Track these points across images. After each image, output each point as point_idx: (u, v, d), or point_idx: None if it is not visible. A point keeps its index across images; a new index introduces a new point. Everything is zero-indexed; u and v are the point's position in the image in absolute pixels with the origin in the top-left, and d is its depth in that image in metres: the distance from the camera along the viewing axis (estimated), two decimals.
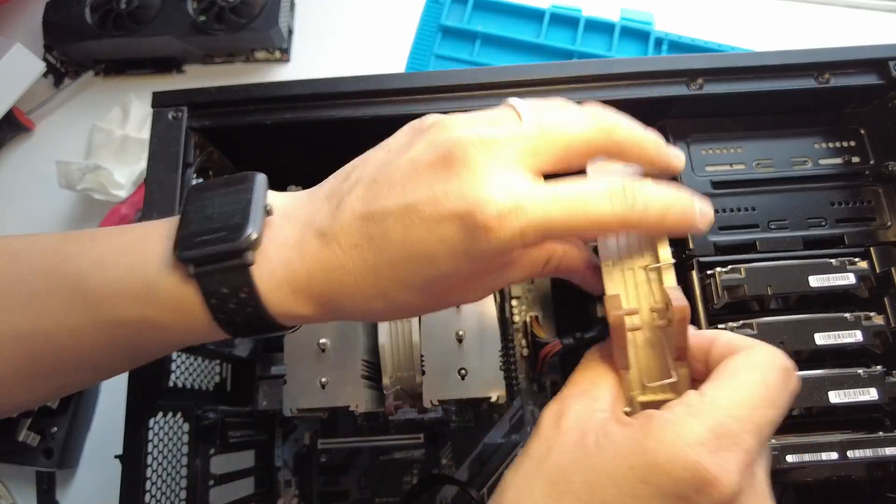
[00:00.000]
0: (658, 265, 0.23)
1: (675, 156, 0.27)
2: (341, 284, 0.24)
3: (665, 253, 0.23)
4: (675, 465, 0.19)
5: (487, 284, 0.26)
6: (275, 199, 0.27)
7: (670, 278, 0.23)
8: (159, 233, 0.26)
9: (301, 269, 0.25)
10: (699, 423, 0.19)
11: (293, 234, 0.25)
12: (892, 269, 0.37)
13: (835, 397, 0.35)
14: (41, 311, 0.26)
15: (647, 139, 0.26)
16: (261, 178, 0.27)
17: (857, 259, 0.36)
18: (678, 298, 0.22)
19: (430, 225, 0.23)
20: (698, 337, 0.24)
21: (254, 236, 0.24)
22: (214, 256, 0.24)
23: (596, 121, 0.25)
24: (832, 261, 0.36)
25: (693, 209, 0.24)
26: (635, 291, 0.23)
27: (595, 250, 0.26)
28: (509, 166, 0.23)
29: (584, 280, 0.27)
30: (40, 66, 0.64)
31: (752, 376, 0.21)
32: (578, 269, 0.26)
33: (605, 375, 0.24)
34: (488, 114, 0.25)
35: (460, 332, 0.36)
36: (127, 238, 0.27)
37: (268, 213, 0.26)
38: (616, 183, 0.23)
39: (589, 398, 0.23)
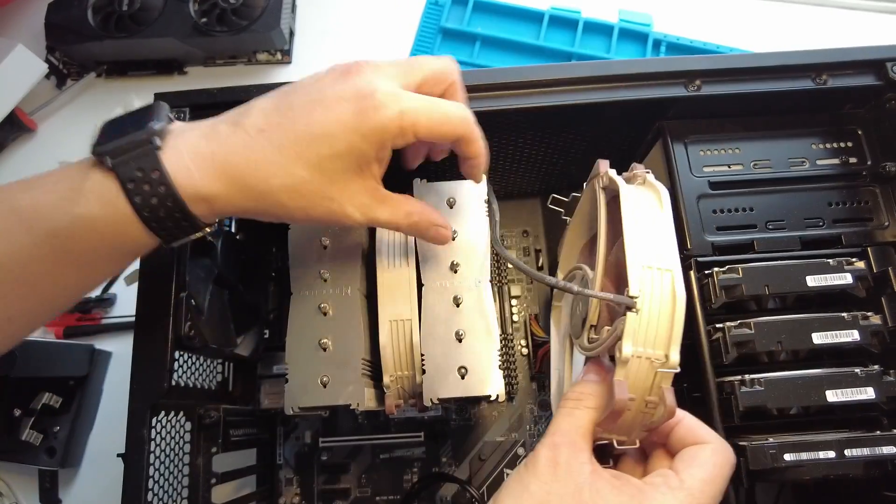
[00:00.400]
0: (666, 371, 0.27)
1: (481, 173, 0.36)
2: (246, 159, 0.29)
3: (675, 357, 0.27)
4: None
5: (369, 186, 0.32)
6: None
7: (668, 381, 0.28)
8: (81, 160, 0.30)
9: (206, 149, 0.29)
10: (675, 501, 0.26)
11: (200, 129, 0.30)
12: (890, 268, 0.37)
13: (832, 396, 0.35)
14: None
15: (482, 150, 0.35)
16: (164, 103, 0.31)
17: (854, 259, 0.37)
18: (671, 402, 0.27)
19: (329, 108, 0.29)
20: None
21: (157, 126, 0.29)
22: (126, 147, 0.28)
23: (464, 113, 0.32)
24: (830, 261, 0.37)
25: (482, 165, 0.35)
26: (636, 378, 0.28)
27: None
28: (393, 80, 0.31)
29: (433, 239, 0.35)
30: (43, 68, 0.64)
31: (715, 472, 0.27)
32: (429, 229, 0.35)
33: (585, 428, 0.28)
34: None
35: (460, 332, 0.37)
36: (53, 171, 0.30)
37: (170, 120, 0.30)
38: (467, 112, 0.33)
39: (576, 449, 0.28)
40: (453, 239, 0.39)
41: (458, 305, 0.37)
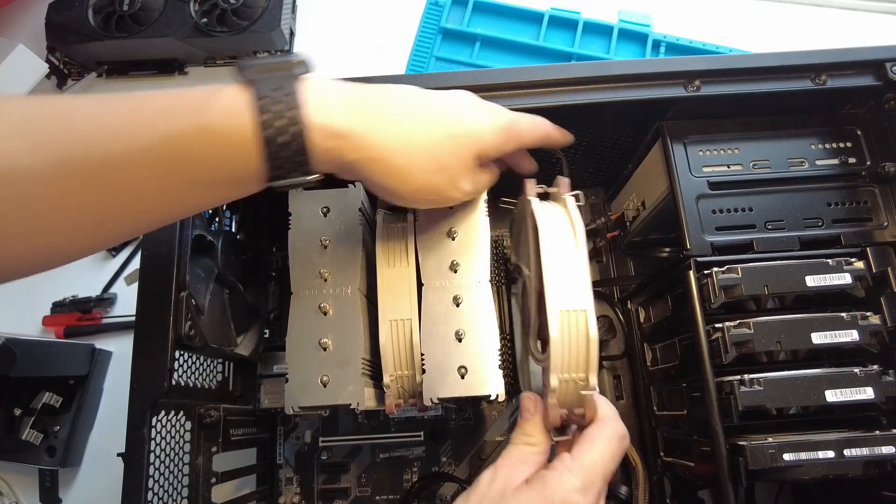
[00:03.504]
0: (587, 392, 0.33)
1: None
2: (387, 104, 0.31)
3: (593, 381, 0.32)
4: (562, 502, 0.30)
5: (478, 167, 0.35)
6: None
7: (591, 395, 0.33)
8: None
9: (349, 99, 0.30)
10: (574, 478, 0.30)
11: (342, 81, 0.31)
12: (889, 268, 0.37)
13: (831, 396, 0.35)
14: (95, 132, 0.26)
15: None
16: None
17: (853, 259, 0.37)
18: (592, 409, 0.33)
19: (458, 99, 0.34)
20: None
21: (303, 59, 0.29)
22: (270, 66, 0.29)
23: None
24: (829, 261, 0.37)
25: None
26: (565, 396, 0.33)
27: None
28: None
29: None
30: (43, 68, 0.65)
31: (604, 445, 0.32)
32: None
33: (526, 455, 0.33)
34: None
35: (460, 331, 0.37)
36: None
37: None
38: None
39: (514, 470, 0.32)
40: (453, 239, 0.39)
41: (458, 305, 0.37)
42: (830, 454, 0.34)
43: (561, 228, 0.35)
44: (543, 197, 0.39)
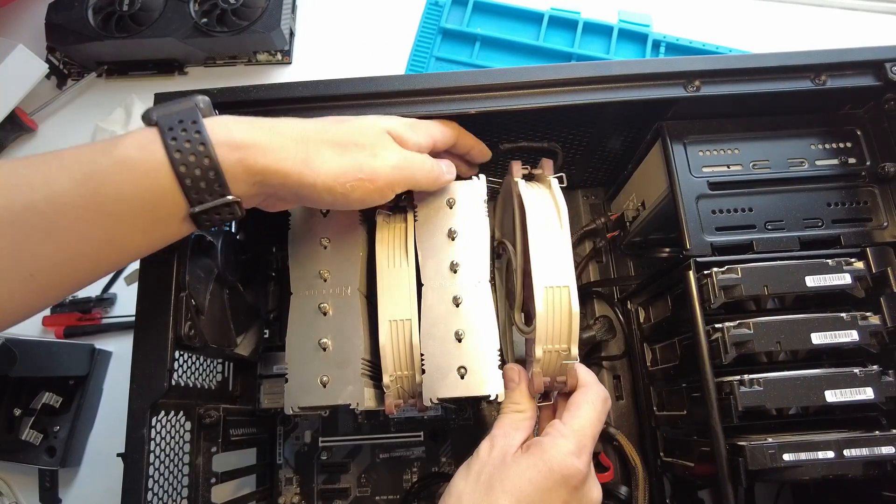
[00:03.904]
0: (569, 361, 0.36)
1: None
2: (287, 125, 0.33)
3: (574, 351, 0.35)
4: (560, 465, 0.32)
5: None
6: None
7: (572, 365, 0.36)
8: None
9: (246, 119, 0.33)
10: (568, 442, 0.33)
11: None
12: (888, 269, 0.37)
13: (831, 396, 0.35)
14: (17, 181, 0.28)
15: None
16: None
17: (853, 259, 0.37)
18: (574, 377, 0.36)
19: (356, 119, 0.36)
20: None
21: (203, 98, 0.32)
22: (172, 107, 0.31)
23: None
24: (829, 261, 0.37)
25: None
26: (548, 365, 0.36)
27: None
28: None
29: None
30: (43, 68, 0.65)
31: (590, 409, 0.35)
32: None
33: (517, 422, 0.36)
34: None
35: (460, 332, 0.37)
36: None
37: (215, 112, 0.33)
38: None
39: (509, 438, 0.35)
40: (453, 239, 0.39)
41: (457, 305, 0.37)
42: (830, 454, 0.34)
43: (546, 210, 0.37)
44: (528, 178, 0.40)
